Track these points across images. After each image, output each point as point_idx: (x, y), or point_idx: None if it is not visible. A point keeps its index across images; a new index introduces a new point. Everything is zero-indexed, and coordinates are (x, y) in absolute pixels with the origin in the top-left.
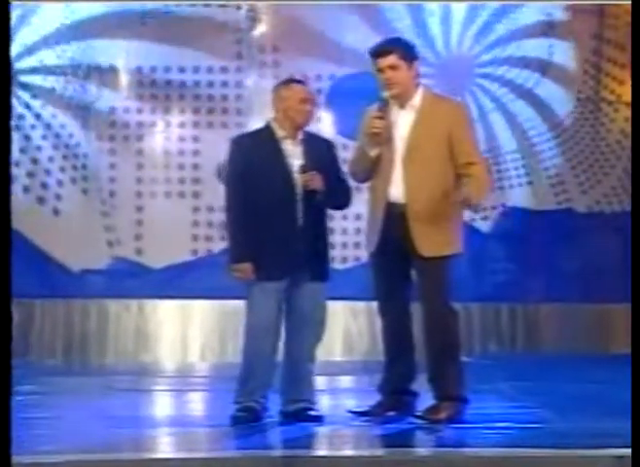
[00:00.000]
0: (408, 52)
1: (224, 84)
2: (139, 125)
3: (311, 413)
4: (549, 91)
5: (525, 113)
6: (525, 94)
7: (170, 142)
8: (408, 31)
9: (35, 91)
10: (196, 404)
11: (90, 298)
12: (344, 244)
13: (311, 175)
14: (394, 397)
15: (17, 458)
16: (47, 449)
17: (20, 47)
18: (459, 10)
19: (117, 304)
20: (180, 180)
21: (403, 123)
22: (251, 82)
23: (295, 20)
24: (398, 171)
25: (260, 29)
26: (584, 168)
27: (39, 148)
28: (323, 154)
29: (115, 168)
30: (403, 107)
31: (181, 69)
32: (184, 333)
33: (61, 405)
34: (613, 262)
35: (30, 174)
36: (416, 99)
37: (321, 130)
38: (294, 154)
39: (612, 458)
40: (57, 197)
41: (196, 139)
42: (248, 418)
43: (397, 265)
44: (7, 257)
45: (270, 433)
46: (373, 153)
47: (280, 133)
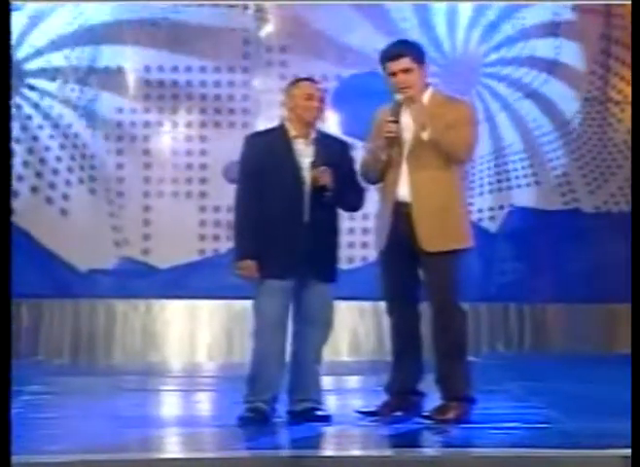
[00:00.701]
0: (419, 54)
1: (231, 83)
2: (146, 124)
3: (318, 412)
4: (556, 91)
5: (532, 113)
6: (532, 94)
7: (177, 142)
8: (415, 31)
9: (43, 92)
10: (204, 404)
11: (98, 298)
12: (351, 244)
13: (321, 171)
14: (401, 397)
15: (18, 458)
16: (55, 449)
17: (30, 48)
18: (465, 9)
19: (124, 303)
20: (187, 180)
21: (410, 123)
22: (258, 82)
23: (302, 21)
24: (404, 171)
25: (267, 29)
26: (591, 168)
27: (47, 148)
28: (336, 154)
29: (122, 168)
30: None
31: (188, 69)
32: (191, 333)
33: (69, 405)
34: (620, 262)
35: (38, 174)
36: (424, 100)
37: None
38: (305, 153)
39: (619, 458)
40: (65, 197)
41: (203, 139)
42: (256, 419)
43: (405, 264)
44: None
45: (278, 433)
46: (384, 156)
47: (292, 133)
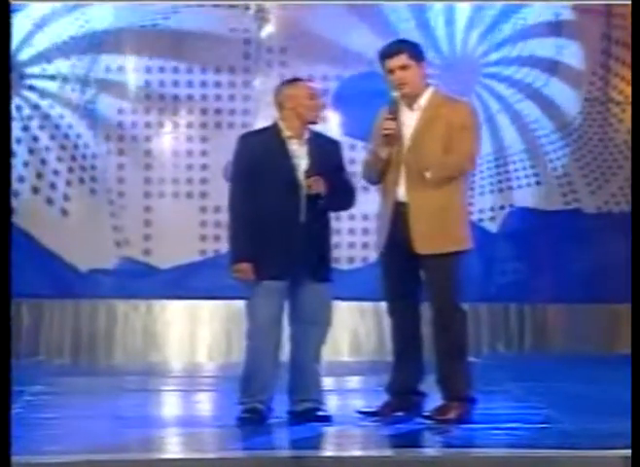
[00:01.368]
0: (417, 52)
1: (231, 84)
2: (147, 125)
3: (319, 413)
4: (556, 92)
5: (533, 113)
6: (533, 95)
7: (178, 142)
8: (415, 32)
9: (44, 93)
10: (204, 404)
11: (99, 298)
12: (352, 244)
13: (314, 180)
14: (402, 397)
15: (17, 458)
16: (56, 450)
17: (33, 51)
18: (464, 10)
19: (125, 304)
20: (188, 180)
21: (409, 123)
22: (258, 82)
23: (302, 21)
24: (404, 172)
25: (267, 30)
26: (592, 169)
27: (48, 149)
28: (329, 154)
29: (123, 169)
30: (410, 108)
31: (189, 70)
32: (192, 333)
33: (70, 405)
34: (621, 262)
35: (39, 175)
36: (423, 100)
37: (328, 131)
38: (299, 154)
39: (620, 459)
40: (66, 197)
41: (204, 139)
42: (254, 419)
43: (405, 264)
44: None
45: (278, 433)
46: (383, 154)
47: (286, 133)
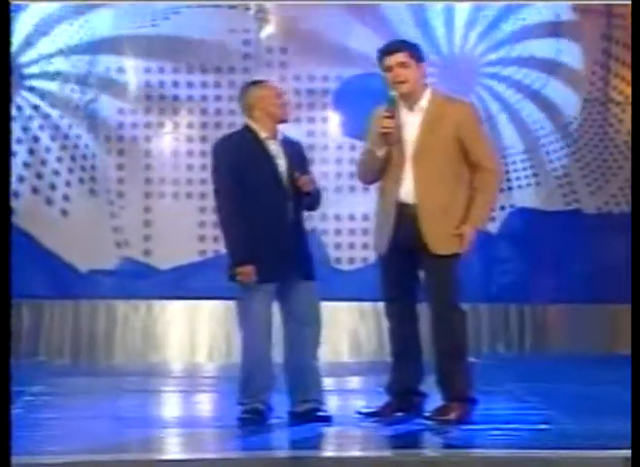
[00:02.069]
0: (416, 52)
1: (231, 84)
2: (147, 125)
3: (320, 413)
4: (556, 92)
5: (533, 113)
6: (533, 95)
7: (178, 143)
8: (414, 32)
9: (44, 94)
10: (205, 404)
11: (99, 298)
12: (352, 245)
13: (306, 179)
14: (402, 398)
15: (18, 458)
16: (56, 450)
17: (33, 52)
18: (464, 10)
19: (125, 304)
20: (188, 181)
21: (411, 124)
22: None
23: (302, 22)
24: (407, 173)
25: (267, 30)
26: (592, 169)
27: (48, 149)
28: (298, 154)
29: (123, 169)
30: (411, 109)
31: (189, 70)
32: (192, 333)
33: (70, 405)
34: (621, 262)
35: (39, 175)
36: (424, 101)
37: (329, 131)
38: (277, 154)
39: (621, 459)
40: (66, 197)
41: (204, 140)
42: (255, 420)
43: (406, 265)
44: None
45: (279, 434)
46: (380, 153)
47: (263, 134)
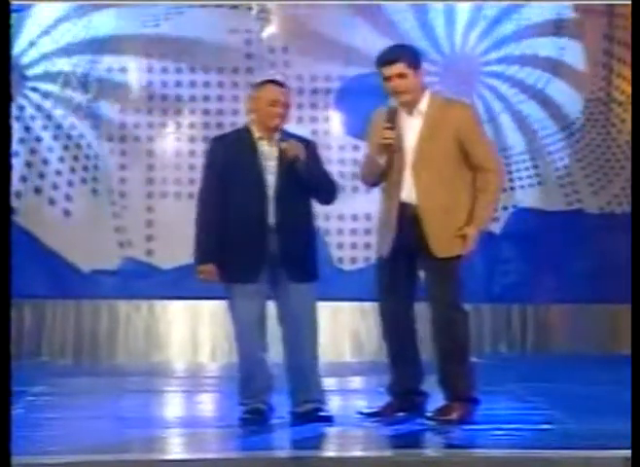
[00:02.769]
0: (414, 59)
1: (234, 84)
2: (150, 125)
3: (321, 413)
4: (559, 92)
5: (535, 113)
6: (535, 95)
7: (180, 143)
8: (416, 31)
9: (46, 94)
10: (207, 404)
11: (101, 298)
12: (354, 245)
13: (290, 143)
14: (403, 398)
15: (18, 458)
16: (58, 450)
17: (35, 53)
18: (465, 9)
19: (127, 304)
20: (190, 181)
21: (411, 129)
22: None
23: (304, 21)
24: (408, 176)
25: (270, 30)
26: (594, 169)
27: (50, 149)
28: (307, 155)
29: (125, 169)
30: (410, 113)
31: (191, 70)
32: (194, 333)
33: (72, 405)
34: (624, 262)
35: (41, 175)
36: (423, 105)
37: (331, 131)
38: (269, 155)
39: (622, 459)
40: (68, 197)
41: (207, 140)
42: (257, 420)
43: (406, 266)
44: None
45: (281, 434)
46: (382, 160)
47: (257, 134)
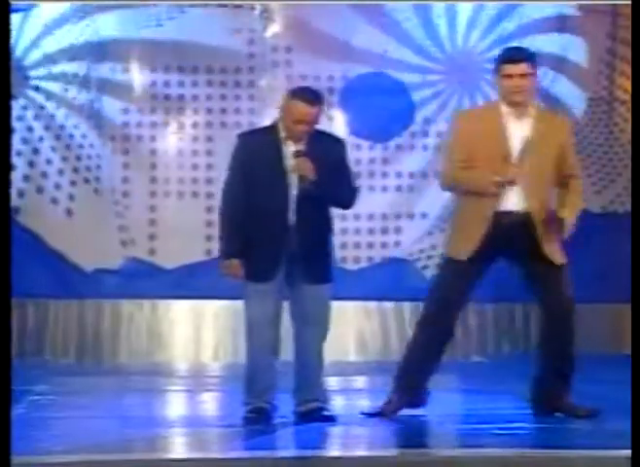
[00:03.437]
0: (535, 62)
1: (237, 84)
2: (152, 125)
3: (325, 413)
4: (562, 91)
5: None
6: (538, 94)
7: (183, 142)
8: (418, 30)
9: (49, 94)
10: (210, 404)
11: (104, 298)
12: (357, 244)
13: (302, 160)
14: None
15: (18, 458)
16: (61, 449)
17: (38, 53)
18: (468, 7)
19: (130, 304)
20: (193, 180)
21: (519, 133)
22: (264, 82)
23: (307, 21)
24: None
25: (273, 29)
26: (597, 168)
27: (53, 148)
28: (329, 153)
29: (128, 168)
30: (519, 117)
31: (194, 69)
32: (197, 333)
33: (75, 405)
34: (626, 262)
35: (44, 174)
36: (532, 110)
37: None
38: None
39: (625, 459)
40: (71, 197)
41: (210, 139)
42: (260, 419)
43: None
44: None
45: (283, 433)
46: (495, 191)
47: (283, 134)
